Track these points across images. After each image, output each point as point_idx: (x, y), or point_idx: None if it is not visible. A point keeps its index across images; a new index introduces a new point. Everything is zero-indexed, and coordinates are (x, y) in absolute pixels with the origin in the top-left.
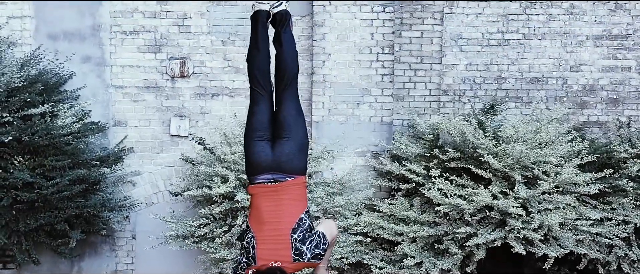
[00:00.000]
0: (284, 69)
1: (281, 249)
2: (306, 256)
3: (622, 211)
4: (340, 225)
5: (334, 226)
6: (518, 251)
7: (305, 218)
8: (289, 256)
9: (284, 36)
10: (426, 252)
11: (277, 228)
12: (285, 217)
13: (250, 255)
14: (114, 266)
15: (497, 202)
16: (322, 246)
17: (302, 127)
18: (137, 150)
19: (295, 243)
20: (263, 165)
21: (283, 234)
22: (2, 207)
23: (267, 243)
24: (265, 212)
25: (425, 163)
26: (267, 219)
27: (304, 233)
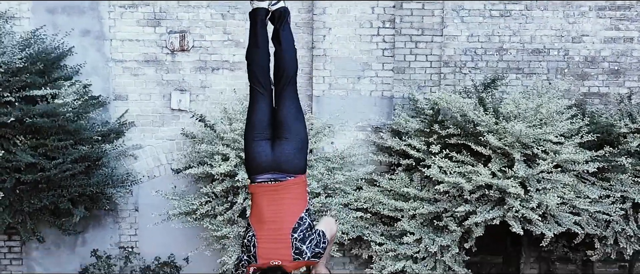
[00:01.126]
0: (283, 68)
1: (281, 248)
2: (306, 255)
3: (621, 187)
4: (340, 201)
5: (334, 223)
6: (516, 231)
7: (306, 217)
8: (289, 255)
9: (282, 34)
10: (425, 228)
11: (277, 227)
12: (286, 216)
13: (252, 253)
14: (117, 238)
15: (497, 181)
16: (322, 245)
17: (301, 126)
18: (138, 124)
19: (295, 242)
20: (263, 166)
21: (283, 233)
22: (6, 188)
23: (268, 242)
24: (266, 211)
25: (425, 138)
26: (267, 218)
27: (305, 232)
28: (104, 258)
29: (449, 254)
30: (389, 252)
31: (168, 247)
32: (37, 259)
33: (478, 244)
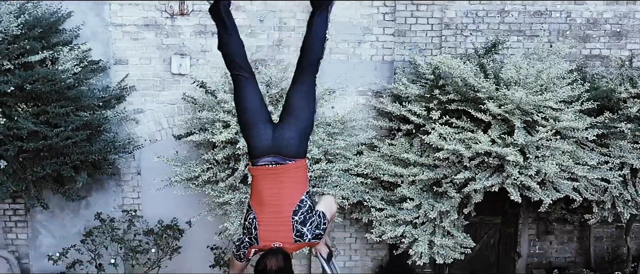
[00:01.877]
0: (309, 50)
1: (282, 231)
2: (307, 237)
3: (620, 153)
4: (341, 166)
5: (333, 202)
6: (514, 198)
7: (306, 199)
8: (290, 238)
9: (318, 19)
10: (425, 193)
11: (278, 210)
12: (286, 199)
13: (253, 236)
14: (120, 201)
15: (496, 149)
16: (323, 226)
17: (308, 114)
18: (139, 88)
19: (296, 225)
20: (263, 149)
21: (284, 216)
22: (9, 156)
23: (269, 225)
24: (266, 194)
25: (425, 103)
26: (268, 201)
27: (305, 214)
28: (108, 221)
29: (448, 220)
30: (389, 218)
31: (171, 211)
32: (42, 222)
33: (477, 205)
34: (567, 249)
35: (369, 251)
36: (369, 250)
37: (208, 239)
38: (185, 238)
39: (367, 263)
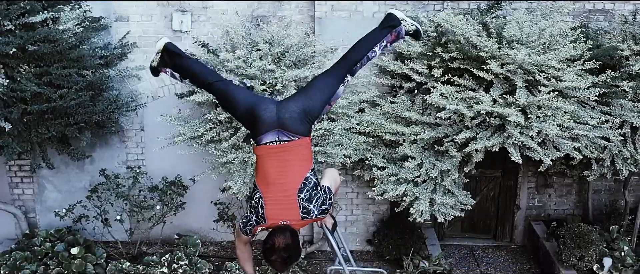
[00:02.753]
0: (354, 48)
1: (289, 209)
2: (314, 213)
3: (620, 112)
4: (343, 125)
5: (337, 174)
6: (515, 159)
7: (311, 176)
8: (297, 216)
9: (380, 30)
10: (426, 152)
11: (284, 188)
12: (292, 177)
13: (260, 215)
14: (124, 157)
15: (498, 109)
16: (329, 201)
17: (320, 100)
18: (141, 45)
19: (302, 203)
20: (267, 121)
21: (290, 194)
22: (13, 119)
23: (275, 203)
24: (272, 173)
25: (427, 61)
26: (273, 180)
27: (311, 191)
28: (113, 178)
29: (449, 178)
30: (391, 176)
31: (175, 167)
32: (47, 177)
33: (477, 163)
34: (566, 201)
35: (371, 205)
36: (370, 205)
37: (212, 195)
38: (189, 194)
39: (368, 218)
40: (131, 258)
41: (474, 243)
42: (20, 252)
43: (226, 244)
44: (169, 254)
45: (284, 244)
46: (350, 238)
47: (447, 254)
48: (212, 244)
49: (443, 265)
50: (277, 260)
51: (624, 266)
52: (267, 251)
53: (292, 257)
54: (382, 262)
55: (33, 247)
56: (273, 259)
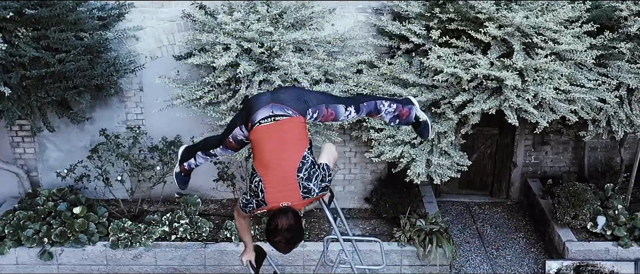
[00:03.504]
0: (370, 99)
1: (289, 190)
2: (314, 192)
3: (617, 74)
4: (340, 88)
5: (334, 149)
6: (512, 121)
7: (308, 155)
8: (298, 196)
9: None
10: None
11: (282, 170)
12: (289, 158)
13: (260, 198)
14: (124, 117)
15: (495, 73)
16: (328, 177)
17: (316, 97)
18: (138, 5)
19: (302, 182)
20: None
21: (289, 175)
22: (13, 84)
23: (275, 185)
24: (269, 155)
25: (425, 22)
26: (271, 161)
27: (309, 170)
28: (113, 138)
29: (446, 140)
30: (388, 138)
31: (174, 127)
32: (48, 137)
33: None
34: (562, 159)
35: (369, 165)
36: (368, 164)
37: None
38: None
39: (366, 176)
40: (132, 216)
41: (471, 200)
42: (24, 211)
43: (226, 202)
44: (170, 213)
45: (287, 225)
46: (348, 196)
47: (444, 210)
48: (212, 202)
49: (439, 224)
50: (281, 241)
51: (618, 224)
52: (270, 233)
53: (296, 238)
54: (380, 220)
55: (36, 206)
56: (277, 241)
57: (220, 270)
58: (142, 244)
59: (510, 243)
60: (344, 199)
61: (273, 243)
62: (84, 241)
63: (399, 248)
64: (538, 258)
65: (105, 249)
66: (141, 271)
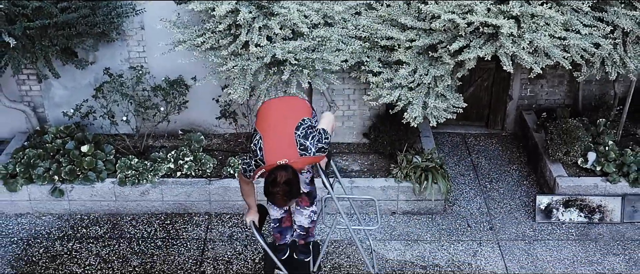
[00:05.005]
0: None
1: (287, 147)
2: (311, 150)
3: (614, 18)
4: (339, 31)
5: (332, 118)
6: (507, 68)
7: (308, 119)
8: (295, 153)
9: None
10: (420, 56)
11: (283, 130)
12: (291, 116)
13: (259, 157)
14: (126, 55)
15: (492, 20)
16: (325, 140)
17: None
18: None
19: (299, 139)
20: None
21: (288, 132)
22: (17, 34)
23: (274, 143)
24: (272, 117)
25: None
26: (273, 122)
27: (306, 129)
28: (116, 77)
29: (443, 84)
30: (386, 82)
31: (176, 67)
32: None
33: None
34: (557, 92)
35: (367, 95)
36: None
37: (213, 92)
38: (192, 91)
39: (365, 112)
40: (138, 152)
41: (467, 131)
42: (33, 150)
43: (228, 137)
44: (175, 151)
45: (286, 178)
46: (347, 132)
47: (440, 142)
48: (215, 137)
49: (435, 160)
50: (279, 193)
51: (607, 160)
52: (269, 185)
53: (293, 191)
54: (378, 155)
55: (44, 144)
56: (275, 192)
57: (224, 205)
58: (148, 181)
59: (504, 176)
60: (343, 134)
61: (271, 195)
62: (93, 178)
63: (396, 184)
64: (530, 191)
65: (113, 186)
66: (149, 206)
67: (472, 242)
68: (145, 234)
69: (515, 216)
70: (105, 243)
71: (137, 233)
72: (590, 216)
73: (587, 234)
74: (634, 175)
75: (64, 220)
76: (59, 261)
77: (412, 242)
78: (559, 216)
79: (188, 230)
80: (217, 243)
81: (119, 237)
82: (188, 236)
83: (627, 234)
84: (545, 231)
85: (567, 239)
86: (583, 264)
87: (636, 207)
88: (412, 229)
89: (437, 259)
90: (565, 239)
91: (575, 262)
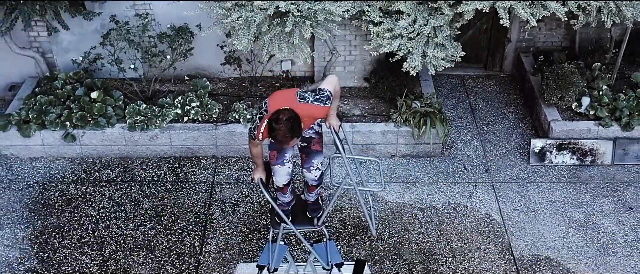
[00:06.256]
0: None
1: (288, 98)
2: (309, 99)
3: None
4: None
5: (336, 80)
6: (504, 23)
7: (311, 86)
8: (294, 99)
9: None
10: (420, 6)
11: (287, 91)
12: (296, 89)
13: (264, 109)
14: (131, 1)
15: None
16: (324, 94)
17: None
18: None
19: (300, 92)
20: None
21: (292, 92)
22: None
23: (278, 98)
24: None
25: None
26: (280, 90)
27: (308, 89)
28: (123, 24)
29: (441, 34)
30: (386, 32)
31: (181, 16)
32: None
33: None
34: (555, 34)
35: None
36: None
37: (218, 38)
38: (197, 38)
39: (366, 57)
40: (146, 98)
41: (465, 73)
42: (44, 96)
43: (232, 81)
44: (181, 97)
45: (288, 116)
46: (348, 76)
47: (439, 84)
48: (220, 81)
49: (433, 105)
50: (282, 128)
51: (601, 105)
52: (272, 121)
53: (296, 128)
54: (378, 100)
55: (55, 90)
56: (278, 127)
57: (230, 149)
58: (157, 126)
59: (500, 118)
60: (344, 79)
61: (274, 131)
62: (103, 124)
63: (396, 129)
64: (525, 133)
65: (123, 131)
66: (158, 150)
67: (468, 184)
68: (155, 177)
69: (510, 159)
70: (117, 187)
71: (147, 177)
72: (582, 158)
73: (578, 177)
74: (626, 119)
75: (76, 163)
76: (74, 205)
77: (411, 184)
78: (552, 158)
79: (196, 173)
80: (224, 186)
81: (130, 180)
82: (196, 180)
83: (617, 177)
84: (539, 173)
85: (559, 182)
86: (573, 206)
87: (627, 150)
88: (411, 172)
89: (435, 201)
90: (557, 182)
91: (566, 204)
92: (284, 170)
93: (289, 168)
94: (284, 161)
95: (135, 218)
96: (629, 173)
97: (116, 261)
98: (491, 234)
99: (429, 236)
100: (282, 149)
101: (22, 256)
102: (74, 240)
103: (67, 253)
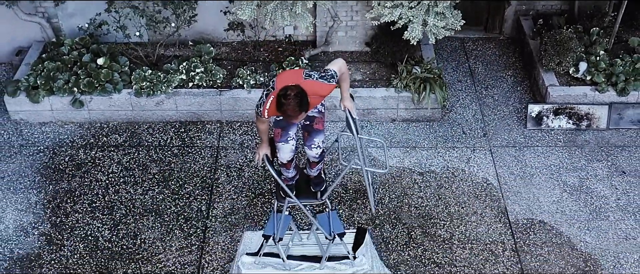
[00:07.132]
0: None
1: (295, 77)
2: (314, 76)
3: None
4: None
5: (343, 64)
6: None
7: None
8: (300, 76)
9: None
10: None
11: (294, 70)
12: (302, 69)
13: (270, 87)
14: None
15: None
16: (331, 72)
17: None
18: None
19: (305, 71)
20: None
21: (298, 71)
22: None
23: (285, 77)
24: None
25: None
26: (287, 70)
27: (313, 70)
28: None
29: (442, 4)
30: (387, 1)
31: None
32: None
33: None
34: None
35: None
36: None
37: (221, 4)
38: (200, 4)
39: (367, 22)
40: (151, 63)
41: (466, 35)
42: (52, 62)
43: (236, 45)
44: (186, 62)
45: (296, 91)
46: (350, 41)
47: (440, 47)
48: (224, 45)
49: (433, 71)
50: (290, 104)
51: (597, 70)
52: (280, 97)
53: (304, 103)
54: (379, 65)
55: (62, 56)
56: (286, 102)
57: (234, 114)
58: (162, 92)
59: (499, 82)
60: (346, 43)
61: (282, 106)
62: (110, 90)
63: (396, 94)
64: (523, 97)
65: (129, 97)
66: (164, 115)
67: (466, 149)
68: (162, 142)
69: (508, 123)
70: (125, 151)
71: (154, 141)
72: (578, 123)
73: (574, 141)
74: (622, 84)
75: (85, 128)
76: (84, 169)
77: (410, 149)
78: (549, 123)
79: (201, 138)
80: (229, 151)
81: (138, 145)
82: (202, 144)
83: (611, 141)
84: (535, 137)
85: (555, 146)
86: (568, 171)
87: (622, 114)
88: (411, 137)
89: (433, 165)
90: (553, 146)
91: (561, 168)
92: (288, 147)
93: (292, 145)
94: (288, 139)
95: (144, 183)
96: (623, 137)
97: (126, 225)
98: (488, 199)
99: (427, 200)
100: (286, 126)
101: (36, 220)
102: (85, 205)
103: (79, 217)
